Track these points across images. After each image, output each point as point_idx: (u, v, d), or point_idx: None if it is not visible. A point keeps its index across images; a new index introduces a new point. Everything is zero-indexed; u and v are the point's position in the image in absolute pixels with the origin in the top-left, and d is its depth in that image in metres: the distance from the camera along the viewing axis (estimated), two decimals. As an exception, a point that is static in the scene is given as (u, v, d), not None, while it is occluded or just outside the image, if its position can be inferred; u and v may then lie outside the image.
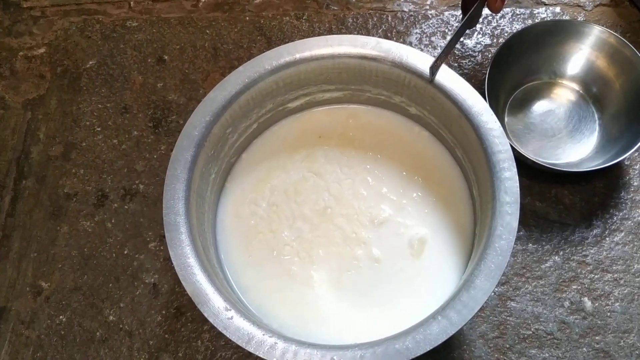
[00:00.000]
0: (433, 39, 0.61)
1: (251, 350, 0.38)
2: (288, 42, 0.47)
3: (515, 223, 0.40)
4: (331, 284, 0.45)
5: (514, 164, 0.42)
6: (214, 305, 0.39)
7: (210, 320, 0.38)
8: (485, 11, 0.63)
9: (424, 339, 0.37)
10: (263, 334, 0.38)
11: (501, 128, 0.43)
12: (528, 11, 0.62)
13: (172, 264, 0.40)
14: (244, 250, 0.47)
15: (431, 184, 0.49)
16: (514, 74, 0.57)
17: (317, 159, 0.50)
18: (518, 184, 0.41)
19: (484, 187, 0.43)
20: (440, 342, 0.37)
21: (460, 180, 0.49)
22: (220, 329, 0.38)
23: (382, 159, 0.50)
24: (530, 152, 0.55)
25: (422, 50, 0.61)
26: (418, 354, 0.37)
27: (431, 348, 0.37)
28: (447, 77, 0.45)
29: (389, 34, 0.62)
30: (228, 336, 0.38)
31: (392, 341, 0.37)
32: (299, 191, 0.49)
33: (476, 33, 0.61)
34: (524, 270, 0.52)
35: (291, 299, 0.45)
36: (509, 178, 0.41)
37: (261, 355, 0.37)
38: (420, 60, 0.46)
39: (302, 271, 0.45)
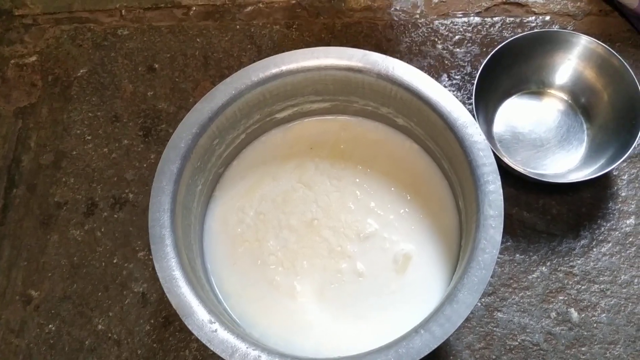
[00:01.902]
0: (423, 47, 0.62)
1: (234, 363, 0.38)
2: (278, 51, 0.47)
3: (499, 237, 0.40)
4: (314, 295, 0.45)
5: (499, 177, 0.42)
6: (199, 317, 0.39)
7: (195, 333, 0.39)
8: (475, 19, 0.63)
9: (407, 352, 0.37)
10: (247, 347, 0.38)
11: (486, 141, 0.43)
12: (518, 20, 0.62)
13: (158, 275, 0.40)
14: (229, 257, 0.47)
15: (419, 200, 0.49)
16: (502, 84, 0.57)
17: (308, 170, 0.50)
18: (502, 198, 0.41)
19: (469, 200, 0.43)
20: (422, 356, 0.37)
21: (447, 195, 0.49)
22: (204, 342, 0.38)
23: (371, 172, 0.50)
24: (518, 162, 0.55)
25: (411, 59, 0.61)
26: (401, 367, 0.37)
27: (413, 362, 0.37)
28: (433, 90, 0.45)
29: (378, 43, 0.62)
30: (212, 349, 0.38)
31: (375, 354, 0.38)
32: (287, 201, 0.49)
33: (466, 42, 0.62)
34: (511, 281, 0.52)
35: (273, 308, 0.45)
36: (493, 191, 0.42)
37: (245, 368, 0.38)
38: (406, 72, 0.46)
39: (285, 281, 0.46)
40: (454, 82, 0.60)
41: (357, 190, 0.49)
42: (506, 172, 0.52)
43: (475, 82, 0.53)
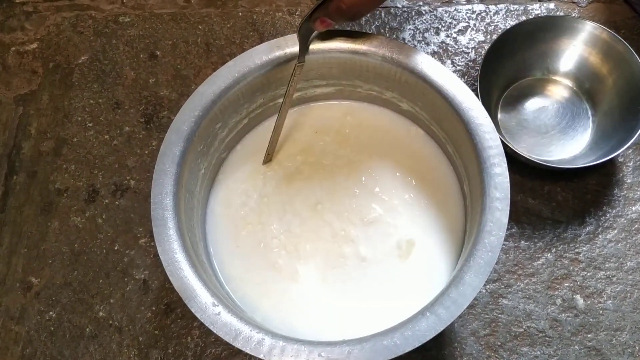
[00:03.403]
0: (426, 35, 0.61)
1: (238, 346, 0.37)
2: (280, 38, 0.47)
3: (505, 219, 0.40)
4: (316, 279, 0.45)
5: (505, 159, 0.42)
6: (202, 300, 0.38)
7: (198, 315, 0.38)
8: (479, 7, 0.62)
9: (413, 335, 0.37)
10: (250, 330, 0.38)
11: (492, 123, 0.43)
12: (522, 7, 0.62)
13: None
14: (232, 240, 0.47)
15: (424, 185, 0.48)
16: (507, 71, 0.57)
17: (312, 154, 0.50)
18: (508, 180, 0.41)
19: (474, 184, 0.43)
20: (428, 338, 0.37)
21: (452, 179, 0.49)
22: (207, 325, 0.38)
23: (376, 158, 0.49)
24: (523, 149, 0.55)
25: (415, 46, 0.61)
26: (406, 351, 0.37)
27: (420, 344, 0.37)
28: (438, 73, 0.45)
29: (382, 30, 0.62)
30: (215, 332, 0.38)
31: (381, 337, 0.37)
32: (291, 185, 0.49)
33: (469, 29, 0.61)
34: (516, 268, 0.51)
35: (275, 292, 0.44)
36: (499, 174, 0.41)
37: (248, 352, 0.37)
38: (411, 54, 0.45)
39: (288, 265, 0.45)
40: (458, 68, 0.59)
41: (361, 175, 0.49)
42: (511, 159, 0.51)
43: (480, 68, 0.53)
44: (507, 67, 0.56)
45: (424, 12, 0.62)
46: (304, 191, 0.48)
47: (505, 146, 0.50)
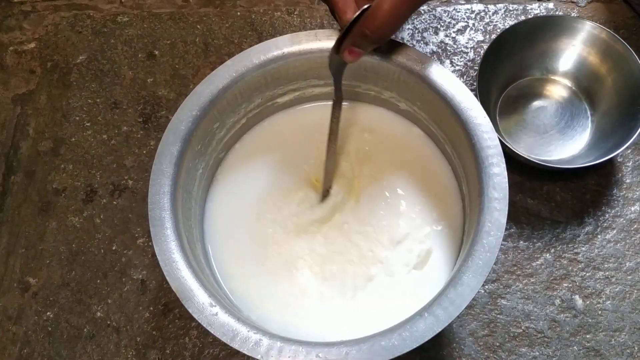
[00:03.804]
0: (425, 34, 0.61)
1: (236, 346, 0.37)
2: (278, 37, 0.47)
3: (503, 219, 0.40)
4: (316, 278, 0.45)
5: (503, 159, 0.41)
6: (199, 301, 0.38)
7: (195, 316, 0.38)
8: (478, 7, 0.62)
9: (410, 336, 0.37)
10: (248, 331, 0.37)
11: (490, 123, 0.43)
12: (521, 7, 0.62)
13: (158, 259, 0.39)
14: (230, 240, 0.46)
15: (429, 191, 0.48)
16: (506, 71, 0.56)
17: (338, 174, 0.49)
18: (507, 180, 0.41)
19: (473, 184, 0.43)
20: (426, 339, 0.37)
21: (452, 180, 0.48)
22: (204, 325, 0.38)
23: (399, 174, 0.48)
24: (522, 149, 0.55)
25: (413, 46, 0.60)
26: (404, 351, 0.36)
27: (417, 345, 0.37)
28: (436, 73, 0.44)
29: (381, 30, 0.62)
30: (212, 332, 0.37)
31: (378, 338, 0.37)
32: (306, 197, 0.48)
33: (468, 29, 0.61)
34: (515, 268, 0.51)
35: (274, 291, 0.44)
36: (498, 174, 0.41)
37: (246, 352, 0.37)
38: (410, 54, 0.45)
39: (286, 264, 0.45)
40: (457, 68, 0.59)
41: (385, 192, 0.47)
42: (510, 158, 0.51)
43: (478, 68, 0.53)
44: (506, 67, 0.56)
45: (422, 12, 0.62)
46: (330, 210, 0.47)
47: (504, 146, 0.50)
